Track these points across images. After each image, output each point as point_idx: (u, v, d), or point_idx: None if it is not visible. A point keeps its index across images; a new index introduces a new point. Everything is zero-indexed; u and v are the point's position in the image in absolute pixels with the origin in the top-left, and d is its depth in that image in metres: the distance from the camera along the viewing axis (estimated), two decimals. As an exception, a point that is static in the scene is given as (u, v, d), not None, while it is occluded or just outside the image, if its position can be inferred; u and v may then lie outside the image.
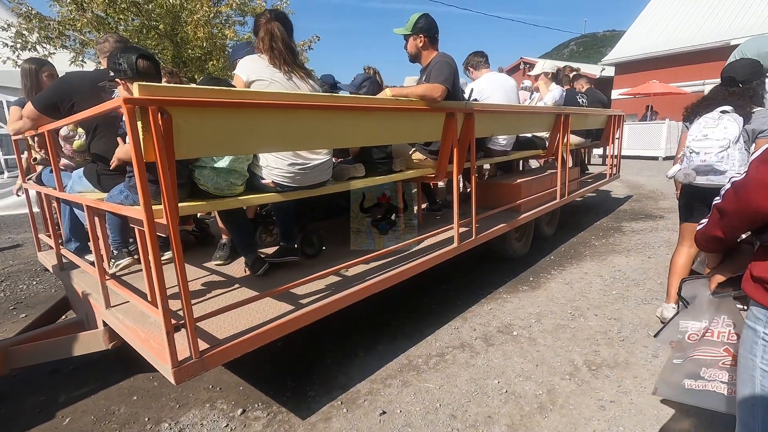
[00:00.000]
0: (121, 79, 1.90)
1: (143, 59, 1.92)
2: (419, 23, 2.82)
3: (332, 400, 2.22)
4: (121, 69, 1.89)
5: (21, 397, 2.37)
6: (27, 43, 6.42)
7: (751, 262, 1.14)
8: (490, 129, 3.33)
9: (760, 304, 1.10)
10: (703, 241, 1.27)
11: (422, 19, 2.83)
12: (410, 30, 2.84)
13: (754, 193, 1.01)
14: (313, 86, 2.32)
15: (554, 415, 2.04)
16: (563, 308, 3.19)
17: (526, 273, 3.99)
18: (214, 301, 2.15)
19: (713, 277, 1.34)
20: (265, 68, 2.16)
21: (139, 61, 1.89)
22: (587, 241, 4.95)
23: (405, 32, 2.87)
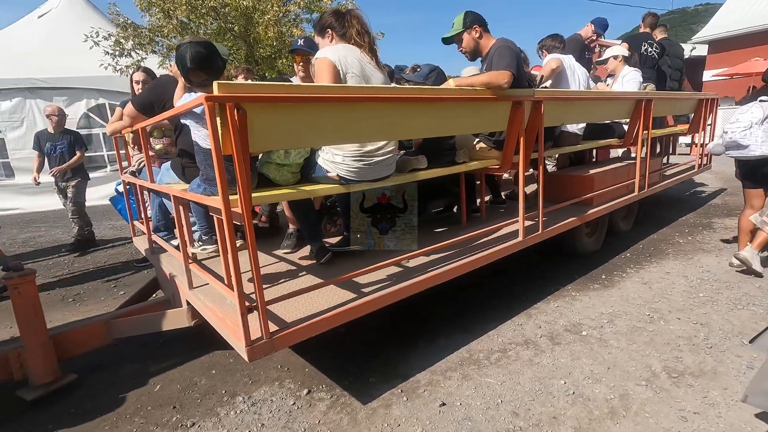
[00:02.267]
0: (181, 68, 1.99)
1: (195, 47, 1.94)
2: (468, 18, 2.80)
3: (392, 388, 2.26)
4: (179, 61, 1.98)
5: (119, 366, 2.69)
6: (123, 50, 7.17)
7: None
8: (560, 117, 3.16)
9: None
10: None
11: (469, 13, 2.81)
12: (461, 27, 2.81)
13: None
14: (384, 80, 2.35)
15: (627, 422, 1.91)
16: (640, 310, 2.96)
17: (597, 270, 3.75)
18: (282, 286, 2.27)
19: None
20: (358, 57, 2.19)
21: (190, 52, 1.92)
22: (670, 239, 4.53)
23: (457, 31, 2.84)
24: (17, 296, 2.17)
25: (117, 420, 2.15)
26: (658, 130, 5.00)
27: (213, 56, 1.93)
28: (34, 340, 2.23)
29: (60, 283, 4.31)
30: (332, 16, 2.25)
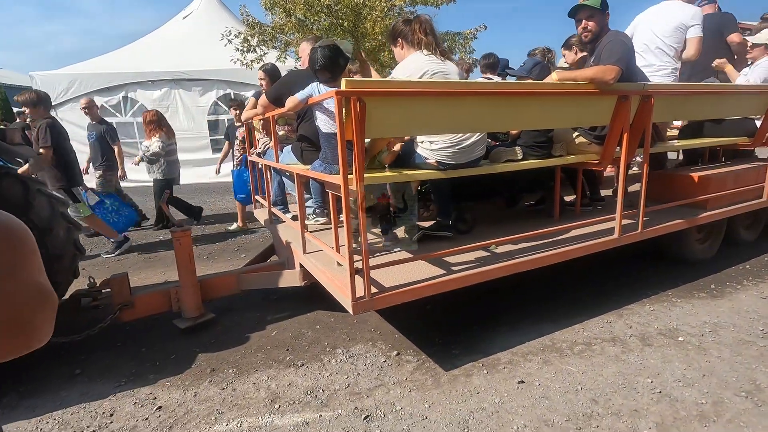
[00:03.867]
0: (312, 68, 2.36)
1: (322, 52, 2.29)
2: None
3: (474, 361, 2.45)
4: (311, 62, 2.36)
5: (245, 312, 3.26)
6: (250, 46, 8.15)
7: None
8: (672, 113, 3.00)
9: None
10: None
11: None
12: (599, 5, 2.65)
13: None
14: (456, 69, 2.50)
15: (717, 427, 1.87)
16: (752, 324, 2.73)
17: (707, 279, 3.47)
18: (381, 258, 2.57)
19: None
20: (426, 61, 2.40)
21: (320, 55, 2.29)
22: (807, 253, 3.97)
23: (595, 5, 2.66)
24: (179, 246, 2.78)
25: (245, 352, 2.66)
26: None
27: (337, 58, 2.27)
28: (188, 281, 2.83)
29: (196, 243, 5.20)
30: (402, 24, 2.47)
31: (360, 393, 2.21)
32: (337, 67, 2.25)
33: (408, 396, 2.17)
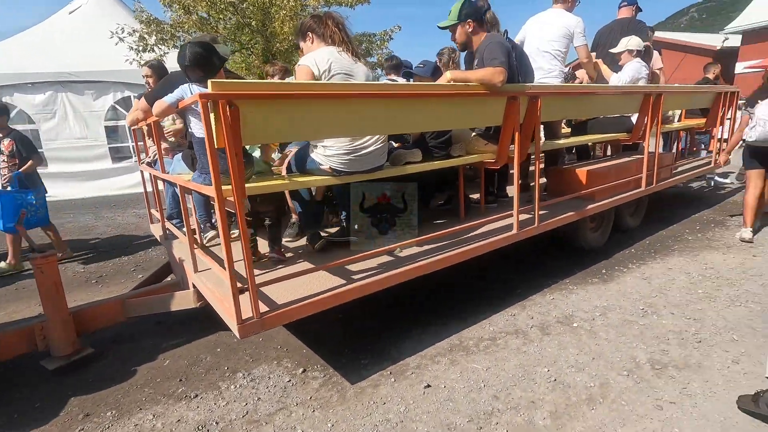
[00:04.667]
0: (180, 65, 2.11)
1: (192, 48, 2.05)
2: (464, 9, 2.82)
3: (382, 369, 2.38)
4: (179, 59, 2.11)
5: (135, 341, 2.91)
6: (147, 45, 7.46)
7: None
8: (559, 112, 3.18)
9: None
10: None
11: (466, 5, 2.83)
12: (456, 18, 2.84)
13: None
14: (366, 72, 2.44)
15: (603, 408, 1.98)
16: (635, 304, 2.98)
17: (599, 265, 3.76)
18: (279, 271, 2.41)
19: None
20: (337, 57, 2.30)
21: (189, 51, 2.04)
22: (679, 235, 4.47)
23: (452, 22, 2.87)
24: (42, 275, 2.39)
25: (129, 389, 2.35)
26: (673, 125, 4.91)
27: (210, 56, 2.06)
28: (56, 315, 2.45)
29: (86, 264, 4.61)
30: (311, 20, 2.38)
31: (258, 420, 2.04)
32: (210, 65, 2.04)
33: (311, 417, 2.04)
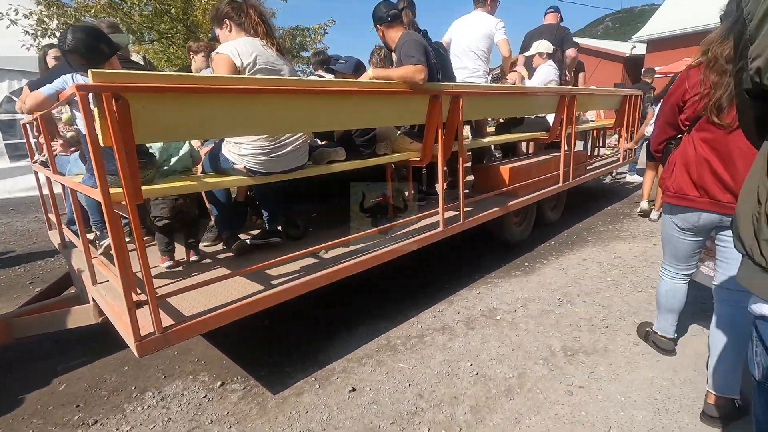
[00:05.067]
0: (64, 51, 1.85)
1: (74, 32, 1.83)
2: (374, 15, 2.87)
3: (307, 376, 2.30)
4: (60, 44, 1.86)
5: (27, 364, 2.57)
6: (47, 30, 6.66)
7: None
8: (480, 112, 3.27)
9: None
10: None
11: (374, 9, 2.87)
12: (375, 23, 2.88)
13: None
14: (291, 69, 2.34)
15: (519, 398, 2.06)
16: (552, 294, 3.16)
17: (522, 258, 3.95)
18: (192, 279, 2.24)
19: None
20: (262, 50, 2.15)
21: (70, 35, 1.81)
22: (593, 227, 4.83)
23: (372, 28, 2.92)
24: None
25: (13, 422, 2.06)
26: (585, 125, 5.28)
27: (96, 42, 1.83)
28: None
29: (-30, 280, 4.02)
30: (228, 6, 2.22)
31: (168, 443, 1.88)
32: (94, 52, 1.81)
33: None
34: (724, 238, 1.86)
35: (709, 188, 1.80)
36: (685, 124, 1.89)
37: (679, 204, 1.91)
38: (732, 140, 1.70)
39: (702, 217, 1.87)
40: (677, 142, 1.98)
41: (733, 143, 1.70)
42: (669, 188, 1.95)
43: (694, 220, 1.90)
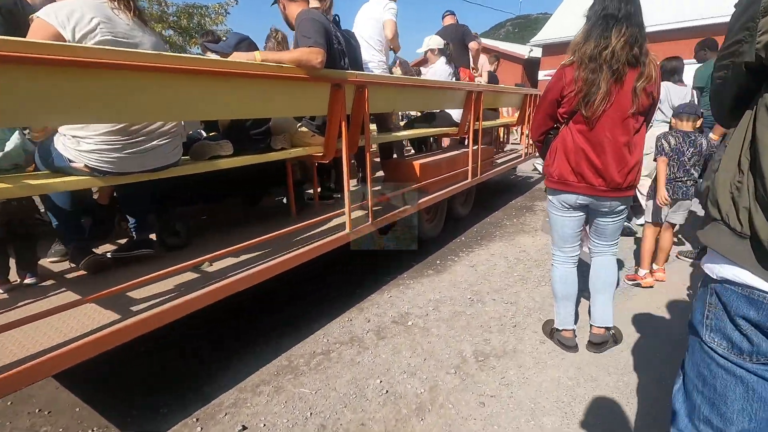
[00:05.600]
0: None
1: None
2: None
3: (187, 417, 1.91)
4: None
5: None
6: None
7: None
8: (389, 104, 3.08)
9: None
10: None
11: None
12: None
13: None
14: (156, 42, 1.89)
15: (431, 416, 1.90)
16: (464, 294, 3.10)
17: (434, 256, 3.88)
18: (27, 308, 1.72)
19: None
20: (104, 12, 1.66)
21: None
22: (499, 221, 4.97)
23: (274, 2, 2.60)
24: None
25: None
26: (491, 121, 5.41)
27: None
28: None
29: None
30: None
31: None
32: None
33: None
34: (599, 220, 2.21)
35: (585, 174, 2.02)
36: (564, 117, 2.07)
37: (561, 189, 2.13)
38: (601, 131, 1.94)
39: (579, 199, 2.12)
40: (555, 133, 2.18)
41: (602, 134, 1.94)
42: (552, 174, 2.14)
43: (573, 200, 2.14)
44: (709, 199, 0.92)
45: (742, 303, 0.85)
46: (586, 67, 1.88)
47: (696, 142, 2.95)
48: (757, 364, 0.85)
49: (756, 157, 0.81)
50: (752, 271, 0.82)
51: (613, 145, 1.94)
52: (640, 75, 1.87)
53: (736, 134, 0.90)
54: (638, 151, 2.01)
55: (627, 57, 1.83)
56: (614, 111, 1.90)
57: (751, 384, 0.87)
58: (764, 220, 0.79)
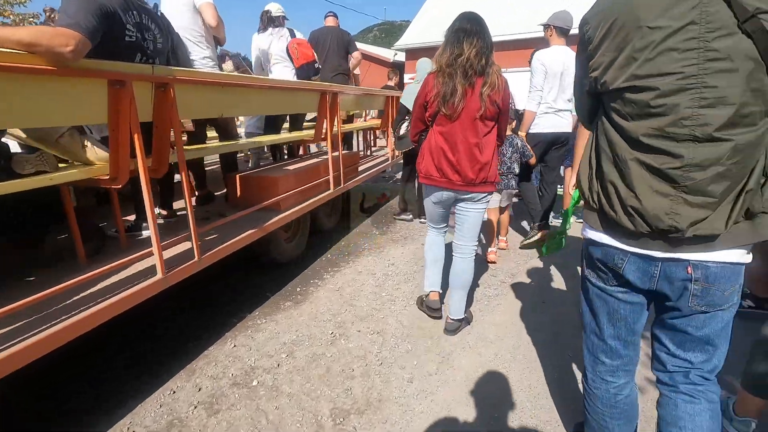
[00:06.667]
0: None
1: None
2: None
3: None
4: None
5: None
6: None
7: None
8: (212, 108, 2.47)
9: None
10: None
11: None
12: None
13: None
14: None
15: None
16: (325, 328, 2.66)
17: (295, 282, 3.37)
18: None
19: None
20: None
21: None
22: (368, 231, 4.68)
23: None
24: None
25: None
26: (351, 124, 5.10)
27: None
28: None
29: None
30: None
31: None
32: None
33: None
34: (460, 209, 2.44)
35: (444, 170, 2.28)
36: (428, 120, 2.33)
37: (428, 183, 2.38)
38: (455, 131, 2.21)
39: (444, 194, 2.38)
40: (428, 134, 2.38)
41: (456, 134, 2.21)
42: (421, 171, 2.39)
43: (439, 195, 2.40)
44: (578, 187, 1.26)
45: (595, 250, 1.24)
46: (444, 73, 2.15)
47: (513, 142, 3.60)
48: (612, 287, 1.25)
49: (598, 154, 1.17)
50: (599, 230, 1.21)
51: (465, 145, 2.22)
52: (484, 83, 2.15)
53: (589, 138, 1.24)
54: (488, 151, 2.27)
55: (477, 65, 2.12)
56: (466, 114, 2.19)
57: (609, 302, 1.28)
58: (605, 197, 1.14)
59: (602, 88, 1.10)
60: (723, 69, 0.93)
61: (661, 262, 1.11)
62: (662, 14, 0.96)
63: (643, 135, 1.03)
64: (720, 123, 0.95)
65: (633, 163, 1.06)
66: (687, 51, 0.94)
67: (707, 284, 1.09)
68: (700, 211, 1.01)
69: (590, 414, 1.42)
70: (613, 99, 1.09)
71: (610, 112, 1.12)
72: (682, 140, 0.99)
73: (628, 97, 1.04)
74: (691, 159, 0.99)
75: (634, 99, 1.03)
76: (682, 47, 0.95)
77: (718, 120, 0.95)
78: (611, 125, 1.12)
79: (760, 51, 0.90)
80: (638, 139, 1.04)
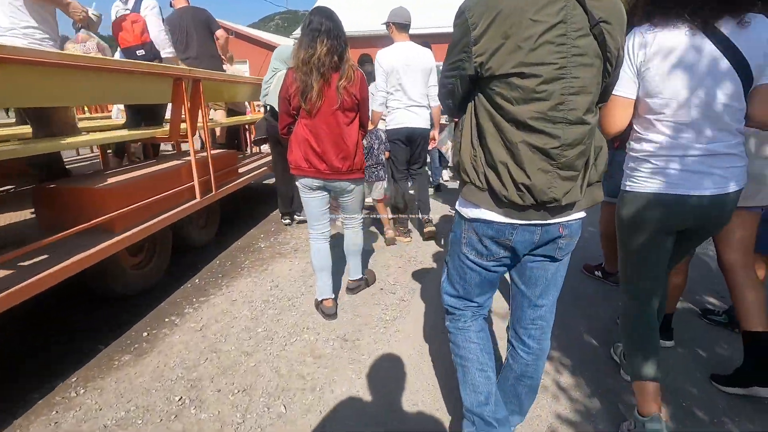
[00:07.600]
0: None
1: None
2: None
3: None
4: None
5: None
6: None
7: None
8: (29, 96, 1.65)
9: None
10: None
11: None
12: None
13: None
14: None
15: None
16: (170, 394, 1.99)
17: (142, 323, 2.60)
18: None
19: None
20: None
21: None
22: (252, 244, 3.99)
23: None
24: None
25: None
26: (232, 118, 4.34)
27: None
28: None
29: None
30: None
31: None
32: None
33: None
34: (337, 194, 2.54)
35: (312, 160, 2.35)
36: (293, 113, 2.36)
37: (298, 174, 2.41)
38: (318, 123, 2.29)
39: (314, 183, 2.42)
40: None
41: (319, 126, 2.29)
42: (291, 162, 2.40)
43: (309, 183, 2.43)
44: (460, 170, 1.30)
45: (486, 229, 1.29)
46: (300, 71, 2.22)
47: (378, 134, 3.76)
48: (489, 262, 1.36)
49: (482, 137, 1.22)
50: (490, 209, 1.25)
51: (329, 134, 2.31)
52: (341, 77, 2.25)
53: (465, 122, 1.28)
54: (351, 140, 2.37)
55: (330, 63, 2.21)
56: (326, 106, 2.27)
57: (482, 273, 1.41)
58: (494, 177, 1.20)
59: (487, 73, 1.14)
60: (584, 63, 1.10)
61: (541, 228, 1.26)
62: (541, 10, 1.05)
63: (530, 118, 1.12)
64: (584, 108, 1.13)
65: (522, 145, 1.14)
66: (560, 45, 1.07)
67: (570, 238, 1.33)
68: (568, 184, 1.17)
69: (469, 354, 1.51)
70: (499, 84, 1.14)
71: (494, 96, 1.17)
72: (557, 122, 1.12)
73: (515, 83, 1.11)
74: (566, 139, 1.13)
75: (521, 84, 1.10)
76: (557, 41, 1.06)
77: (582, 106, 1.12)
78: (494, 109, 1.18)
79: (602, 52, 1.11)
80: (525, 122, 1.12)
